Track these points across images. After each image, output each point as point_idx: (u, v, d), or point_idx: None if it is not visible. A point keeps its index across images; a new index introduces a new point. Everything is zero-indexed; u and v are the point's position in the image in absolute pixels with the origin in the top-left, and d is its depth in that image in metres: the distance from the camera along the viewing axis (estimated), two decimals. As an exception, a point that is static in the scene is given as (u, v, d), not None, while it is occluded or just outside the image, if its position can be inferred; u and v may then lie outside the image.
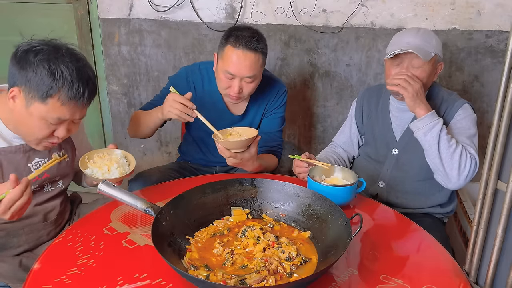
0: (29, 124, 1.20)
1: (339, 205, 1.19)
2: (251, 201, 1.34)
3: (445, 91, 1.69)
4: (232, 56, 1.61)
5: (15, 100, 1.19)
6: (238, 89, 1.65)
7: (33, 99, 1.16)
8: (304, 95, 2.47)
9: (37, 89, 1.14)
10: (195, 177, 1.69)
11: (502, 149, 1.04)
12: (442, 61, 1.64)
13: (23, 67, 1.15)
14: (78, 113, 1.23)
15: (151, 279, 1.03)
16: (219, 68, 1.68)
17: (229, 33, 1.66)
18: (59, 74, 1.14)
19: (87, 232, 1.21)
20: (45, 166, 1.24)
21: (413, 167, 1.68)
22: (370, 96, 1.80)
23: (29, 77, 1.14)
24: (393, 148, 1.71)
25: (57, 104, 1.16)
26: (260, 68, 1.68)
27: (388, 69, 1.62)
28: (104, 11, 2.52)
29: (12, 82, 1.19)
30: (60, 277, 1.02)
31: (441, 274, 1.11)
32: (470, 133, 1.59)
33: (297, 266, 1.07)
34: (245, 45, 1.60)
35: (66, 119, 1.22)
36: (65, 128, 1.24)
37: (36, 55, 1.15)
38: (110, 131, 2.82)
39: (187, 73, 1.83)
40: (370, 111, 1.79)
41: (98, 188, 1.18)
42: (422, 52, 1.53)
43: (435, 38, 1.61)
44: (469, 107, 1.64)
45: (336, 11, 2.26)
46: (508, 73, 1.01)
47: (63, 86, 1.15)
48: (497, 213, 1.07)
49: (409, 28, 1.67)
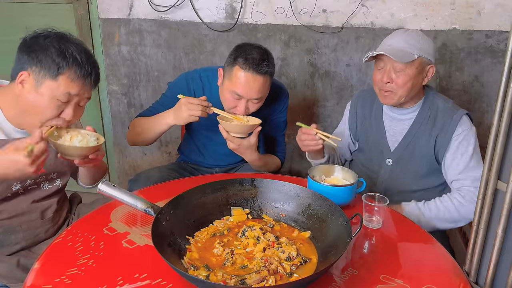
0: (39, 105, 1.24)
1: (339, 205, 1.19)
2: (251, 201, 1.34)
3: (441, 98, 1.62)
4: (240, 78, 1.57)
5: (23, 85, 1.24)
6: (245, 109, 1.62)
7: (44, 78, 1.22)
8: (304, 95, 2.47)
9: (49, 67, 1.21)
10: (195, 177, 1.69)
11: (502, 149, 1.04)
12: (434, 64, 1.56)
13: (34, 49, 1.22)
14: (86, 92, 1.29)
15: (151, 279, 1.03)
16: (225, 87, 1.64)
17: (238, 53, 1.60)
18: (69, 53, 1.22)
19: (87, 232, 1.21)
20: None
21: (408, 178, 1.64)
22: (364, 100, 1.76)
23: (40, 58, 1.21)
24: (387, 158, 1.66)
25: (67, 80, 1.23)
26: (268, 89, 1.65)
27: (374, 74, 1.59)
28: (104, 11, 2.52)
29: (19, 69, 1.24)
30: (60, 277, 1.02)
31: (441, 274, 1.11)
32: (472, 161, 1.51)
33: (297, 266, 1.07)
34: (255, 69, 1.56)
35: (75, 95, 1.26)
36: (72, 110, 1.27)
37: (46, 39, 1.23)
38: (110, 131, 2.82)
39: (188, 80, 1.81)
40: (364, 117, 1.75)
41: (98, 188, 1.18)
42: (400, 54, 1.48)
43: (424, 40, 1.54)
44: (468, 120, 1.55)
45: (336, 11, 2.26)
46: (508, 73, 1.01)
47: (73, 64, 1.23)
48: (497, 213, 1.07)
49: (397, 30, 1.62)
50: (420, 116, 1.60)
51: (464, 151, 1.53)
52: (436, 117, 1.58)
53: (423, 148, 1.59)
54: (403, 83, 1.51)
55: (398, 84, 1.52)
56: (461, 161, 1.53)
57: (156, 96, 2.62)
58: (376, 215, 1.31)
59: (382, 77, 1.54)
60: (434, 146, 1.57)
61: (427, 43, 1.54)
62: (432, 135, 1.57)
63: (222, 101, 1.69)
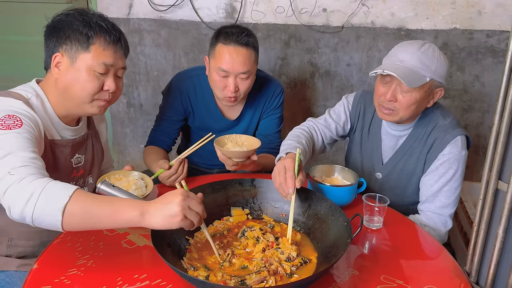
0: (80, 80, 1.24)
1: (339, 205, 1.19)
2: (251, 201, 1.33)
3: (440, 114, 1.49)
4: (224, 53, 1.60)
5: (59, 67, 1.25)
6: (234, 87, 1.63)
7: (77, 52, 1.23)
8: (304, 95, 2.46)
9: (78, 40, 1.23)
10: (195, 177, 1.68)
11: (503, 149, 1.04)
12: (443, 87, 1.43)
13: (60, 28, 1.24)
14: (120, 61, 1.30)
15: (151, 279, 1.02)
16: (211, 68, 1.66)
17: (218, 32, 1.65)
18: (94, 23, 1.24)
19: (87, 233, 1.21)
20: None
21: (396, 194, 1.57)
22: (368, 104, 1.62)
23: (67, 34, 1.23)
24: (377, 172, 1.60)
25: (99, 49, 1.24)
26: (254, 64, 1.67)
27: (377, 85, 1.46)
28: (104, 11, 2.51)
29: (50, 54, 1.26)
30: (59, 277, 1.02)
31: (442, 274, 1.11)
32: (446, 187, 1.44)
33: (297, 267, 1.07)
34: (236, 40, 1.59)
35: (111, 66, 1.27)
36: (113, 80, 1.28)
37: (67, 16, 1.25)
38: (110, 131, 2.82)
39: (178, 82, 1.81)
40: (363, 122, 1.63)
41: (98, 188, 1.18)
42: (411, 77, 1.34)
43: (440, 61, 1.38)
44: (460, 143, 1.43)
45: (336, 11, 2.26)
46: (508, 73, 1.01)
47: (101, 31, 1.24)
48: (498, 213, 1.06)
49: (413, 41, 1.44)
50: (414, 133, 1.51)
51: (443, 173, 1.43)
52: (430, 135, 1.48)
53: (412, 165, 1.52)
54: (408, 105, 1.40)
55: (402, 105, 1.40)
56: (436, 183, 1.45)
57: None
58: (376, 215, 1.31)
59: (386, 93, 1.41)
60: (423, 164, 1.50)
61: (441, 65, 1.39)
62: (422, 153, 1.49)
63: (212, 88, 1.71)
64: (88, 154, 1.42)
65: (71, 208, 0.94)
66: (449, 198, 1.44)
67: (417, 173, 1.52)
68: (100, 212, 0.96)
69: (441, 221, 1.44)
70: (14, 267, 1.28)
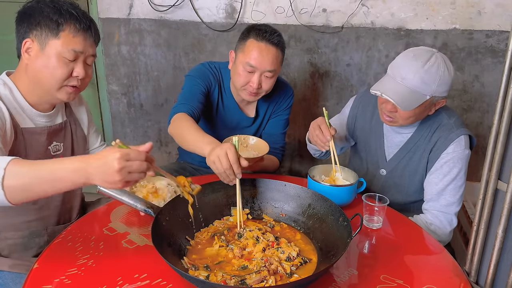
0: (49, 66, 1.25)
1: (339, 205, 1.19)
2: (251, 201, 1.33)
3: (444, 113, 1.52)
4: (254, 49, 1.61)
5: (29, 53, 1.26)
6: (258, 84, 1.64)
7: (47, 39, 1.24)
8: (304, 95, 2.47)
9: (48, 26, 1.23)
10: (195, 177, 1.68)
11: (502, 149, 1.04)
12: (446, 98, 1.45)
13: (31, 14, 1.25)
14: (90, 48, 1.30)
15: (151, 279, 1.02)
16: (238, 61, 1.66)
17: (250, 28, 1.66)
18: (65, 10, 1.25)
19: (87, 232, 1.21)
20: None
21: (400, 192, 1.60)
22: (366, 104, 1.67)
23: (38, 20, 1.24)
24: (381, 168, 1.62)
25: (69, 36, 1.25)
26: (279, 65, 1.68)
27: None
28: (104, 11, 2.52)
29: (21, 39, 1.27)
30: (60, 277, 1.02)
31: (441, 274, 1.11)
32: (451, 185, 1.45)
33: (297, 267, 1.07)
34: (268, 38, 1.61)
35: (80, 53, 1.27)
36: (82, 67, 1.29)
37: (38, 2, 1.26)
38: (110, 131, 2.82)
39: (208, 68, 1.78)
40: (364, 121, 1.67)
41: (98, 188, 1.18)
42: (408, 100, 1.36)
43: (443, 79, 1.39)
44: (464, 142, 1.45)
45: (336, 11, 2.26)
46: (508, 73, 1.01)
47: (71, 18, 1.25)
48: (498, 213, 1.07)
49: (420, 54, 1.42)
50: (420, 131, 1.54)
51: (447, 172, 1.45)
52: (434, 133, 1.50)
53: (415, 163, 1.54)
54: (407, 117, 1.43)
55: (402, 116, 1.44)
56: (441, 181, 1.46)
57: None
58: (376, 215, 1.31)
59: (387, 104, 1.44)
60: (426, 162, 1.52)
61: (444, 81, 1.40)
62: (426, 151, 1.51)
63: (234, 81, 1.70)
64: (67, 142, 1.43)
65: (9, 183, 0.90)
66: (454, 197, 1.45)
67: (420, 171, 1.54)
68: (40, 185, 0.92)
69: (447, 219, 1.45)
70: (6, 266, 1.28)
